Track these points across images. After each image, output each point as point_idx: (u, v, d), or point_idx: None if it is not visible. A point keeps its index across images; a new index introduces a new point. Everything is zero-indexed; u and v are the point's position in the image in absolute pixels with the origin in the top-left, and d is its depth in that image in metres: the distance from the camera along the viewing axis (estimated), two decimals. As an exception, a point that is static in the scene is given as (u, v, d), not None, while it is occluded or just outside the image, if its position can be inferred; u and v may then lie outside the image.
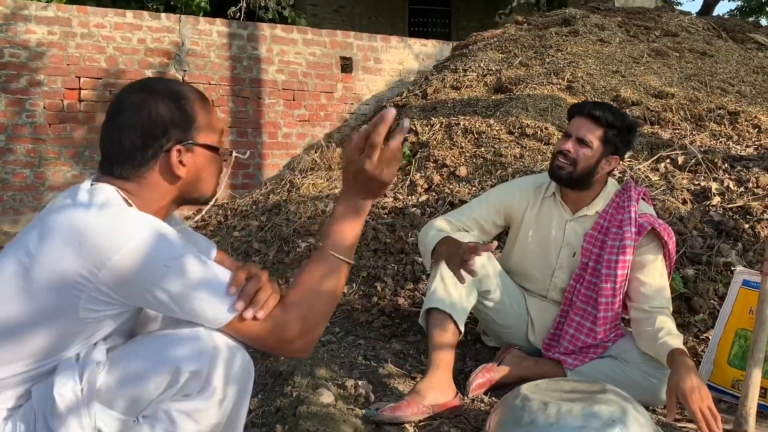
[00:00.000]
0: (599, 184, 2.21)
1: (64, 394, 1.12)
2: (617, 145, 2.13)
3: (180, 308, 1.15)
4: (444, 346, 1.99)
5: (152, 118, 1.22)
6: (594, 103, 2.19)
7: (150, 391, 1.15)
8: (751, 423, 1.79)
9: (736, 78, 4.91)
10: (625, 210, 2.13)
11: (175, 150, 1.23)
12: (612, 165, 2.16)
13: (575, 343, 2.14)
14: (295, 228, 3.82)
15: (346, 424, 1.75)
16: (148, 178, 1.24)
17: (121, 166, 1.23)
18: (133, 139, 1.21)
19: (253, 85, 5.58)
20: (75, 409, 1.12)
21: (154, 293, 1.13)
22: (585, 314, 2.14)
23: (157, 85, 1.26)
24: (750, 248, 2.78)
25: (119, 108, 1.23)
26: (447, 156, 4.13)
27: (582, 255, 2.18)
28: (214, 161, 1.31)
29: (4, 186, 4.86)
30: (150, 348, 1.18)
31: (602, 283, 2.09)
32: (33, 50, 4.89)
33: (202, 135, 1.27)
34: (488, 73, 5.35)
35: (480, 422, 1.88)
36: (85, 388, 1.13)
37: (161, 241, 1.14)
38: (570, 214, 2.23)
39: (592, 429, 1.55)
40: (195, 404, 1.17)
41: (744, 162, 3.43)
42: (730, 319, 2.11)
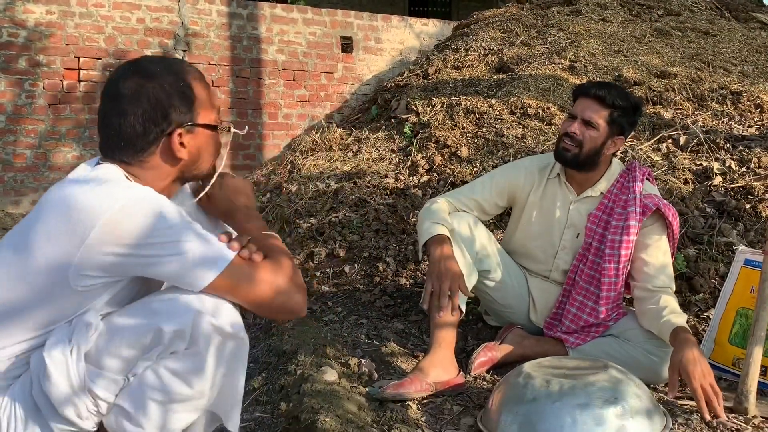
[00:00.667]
0: (604, 165, 2.20)
1: (54, 356, 1.14)
2: (623, 126, 2.13)
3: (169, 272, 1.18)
4: (446, 325, 2.00)
5: (152, 104, 1.21)
6: (599, 83, 2.17)
7: (135, 351, 1.17)
8: (752, 400, 1.81)
9: (739, 57, 4.88)
10: (630, 190, 2.13)
11: (176, 134, 1.24)
12: (617, 146, 2.16)
13: (577, 323, 2.15)
14: (297, 209, 3.82)
15: (350, 402, 1.76)
16: (149, 161, 1.25)
17: (122, 151, 1.24)
18: (133, 125, 1.22)
19: (253, 65, 5.54)
20: (64, 370, 1.14)
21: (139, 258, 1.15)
22: (588, 294, 2.15)
23: (154, 68, 1.25)
24: (751, 228, 2.78)
25: (117, 93, 1.22)
26: (448, 136, 4.12)
27: (586, 235, 2.18)
28: (214, 139, 1.32)
29: (5, 167, 4.86)
30: (136, 310, 1.20)
31: (606, 263, 2.10)
32: (31, 30, 4.86)
33: (201, 115, 1.27)
34: (490, 53, 5.32)
35: (482, 400, 1.90)
36: (75, 349, 1.15)
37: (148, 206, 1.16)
38: (575, 195, 2.23)
39: (594, 406, 1.57)
40: (183, 363, 1.18)
41: (746, 142, 3.43)
42: (731, 298, 2.12)
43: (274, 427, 1.79)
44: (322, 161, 4.53)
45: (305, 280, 3.08)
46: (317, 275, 3.11)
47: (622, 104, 2.10)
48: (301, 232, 3.56)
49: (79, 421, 1.17)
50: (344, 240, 3.34)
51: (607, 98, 2.09)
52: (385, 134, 4.61)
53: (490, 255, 2.20)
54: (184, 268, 1.17)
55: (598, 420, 1.54)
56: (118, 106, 1.22)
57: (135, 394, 1.18)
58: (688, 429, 1.70)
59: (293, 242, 3.50)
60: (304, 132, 5.64)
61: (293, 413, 1.75)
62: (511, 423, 1.61)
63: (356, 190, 3.82)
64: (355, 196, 3.75)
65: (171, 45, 5.29)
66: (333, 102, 5.93)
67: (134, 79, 1.22)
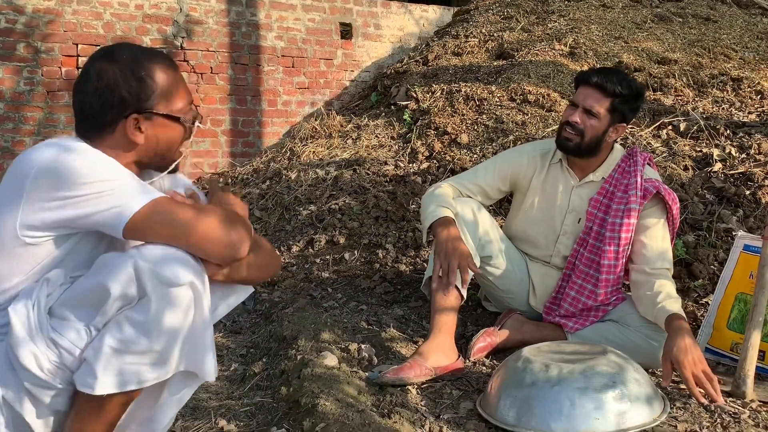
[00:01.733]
0: (606, 151, 2.21)
1: (18, 309, 1.20)
2: (624, 113, 2.12)
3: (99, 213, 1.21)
4: (446, 310, 2.01)
5: (110, 87, 1.29)
6: (601, 70, 2.16)
7: (89, 306, 1.20)
8: (750, 385, 1.82)
9: (740, 44, 4.86)
10: (631, 174, 2.13)
11: (131, 118, 1.30)
12: (619, 133, 2.16)
13: (576, 305, 2.16)
14: (296, 196, 3.82)
15: (350, 386, 1.77)
16: (107, 141, 1.31)
17: (85, 128, 1.32)
18: (92, 104, 1.30)
19: (252, 52, 5.52)
20: (26, 321, 1.19)
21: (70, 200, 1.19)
22: (587, 277, 2.16)
23: (121, 53, 1.32)
24: (751, 214, 2.79)
25: (86, 73, 1.31)
26: (448, 123, 4.11)
27: (586, 219, 2.19)
28: (174, 130, 1.37)
29: (4, 154, 4.85)
30: (92, 268, 1.24)
31: (606, 246, 2.10)
32: (30, 16, 4.83)
33: (162, 104, 1.32)
34: (490, 39, 5.30)
35: (482, 384, 1.91)
36: (36, 302, 1.21)
37: (81, 154, 1.23)
38: (576, 180, 2.23)
39: (593, 390, 1.58)
40: (137, 313, 1.19)
41: (746, 128, 3.42)
42: (730, 284, 2.13)
43: (274, 411, 1.80)
44: (322, 148, 4.52)
45: (305, 267, 3.08)
46: (317, 262, 3.12)
47: (624, 92, 2.09)
48: (300, 219, 3.56)
49: (41, 373, 1.19)
50: (344, 227, 3.34)
51: (608, 87, 2.08)
52: (384, 121, 4.60)
53: (492, 241, 2.21)
54: (112, 206, 1.21)
55: (596, 404, 1.56)
56: (83, 85, 1.31)
57: (95, 345, 1.20)
58: (686, 413, 1.71)
59: (293, 229, 3.51)
60: (304, 119, 5.62)
61: (293, 397, 1.76)
62: (510, 407, 1.62)
63: (356, 177, 3.82)
64: (354, 183, 3.75)
65: (170, 32, 5.26)
66: (332, 89, 5.91)
67: (100, 62, 1.31)
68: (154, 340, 1.20)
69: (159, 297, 1.19)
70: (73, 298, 1.22)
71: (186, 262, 1.23)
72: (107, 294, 1.18)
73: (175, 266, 1.21)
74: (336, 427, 1.53)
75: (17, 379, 1.20)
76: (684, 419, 1.67)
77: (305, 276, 3.00)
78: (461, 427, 1.65)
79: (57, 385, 1.21)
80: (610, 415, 1.55)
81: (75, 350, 1.20)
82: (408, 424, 1.63)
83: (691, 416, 1.69)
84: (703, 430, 1.61)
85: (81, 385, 1.20)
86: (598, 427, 1.53)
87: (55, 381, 1.21)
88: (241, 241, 1.29)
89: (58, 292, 1.24)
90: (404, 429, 1.59)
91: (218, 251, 1.27)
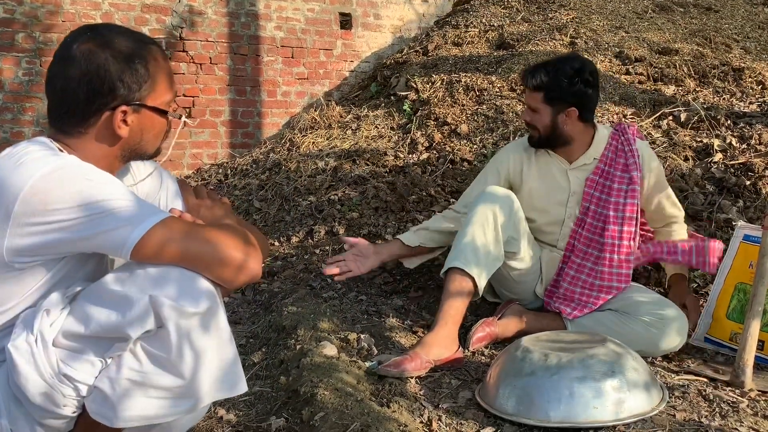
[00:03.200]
0: (582, 135, 2.23)
1: (20, 346, 1.10)
2: (566, 99, 2.15)
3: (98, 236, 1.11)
4: (457, 302, 2.01)
5: (100, 74, 1.16)
6: (531, 68, 2.22)
7: (107, 338, 1.12)
8: (748, 374, 1.82)
9: (742, 34, 4.84)
10: (628, 154, 2.18)
11: (120, 110, 1.20)
12: (572, 117, 2.17)
13: (576, 283, 2.17)
14: (296, 186, 3.82)
15: (349, 375, 1.78)
16: (89, 133, 1.20)
17: (63, 118, 1.20)
18: (77, 92, 1.17)
19: (251, 42, 5.49)
20: (32, 360, 1.10)
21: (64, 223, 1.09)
22: (586, 255, 2.19)
23: (112, 37, 1.19)
24: (751, 205, 2.78)
25: (68, 56, 1.17)
26: (448, 114, 4.10)
27: (583, 200, 2.23)
28: (161, 122, 1.27)
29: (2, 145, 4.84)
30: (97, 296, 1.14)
31: (609, 225, 2.14)
32: (28, 6, 4.81)
33: (152, 96, 1.23)
34: (490, 29, 5.27)
35: (480, 374, 1.91)
36: (39, 337, 1.11)
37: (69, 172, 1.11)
38: (567, 164, 2.27)
39: (591, 379, 1.58)
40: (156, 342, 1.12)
41: (747, 119, 3.41)
42: (729, 273, 2.13)
43: (273, 400, 1.80)
44: (321, 139, 4.51)
45: (304, 257, 3.08)
46: (317, 252, 3.11)
47: (545, 82, 2.14)
48: (300, 210, 3.55)
49: (56, 408, 1.13)
50: (343, 218, 3.34)
51: (530, 83, 2.17)
52: (384, 112, 4.59)
53: (520, 238, 2.20)
54: (112, 229, 1.10)
55: (595, 393, 1.56)
56: (65, 69, 1.17)
57: (111, 375, 1.12)
58: (685, 402, 1.71)
59: (292, 220, 3.50)
60: (303, 110, 5.61)
61: (293, 387, 1.76)
62: (509, 396, 1.62)
63: (355, 168, 3.81)
64: (354, 173, 3.74)
65: (169, 22, 5.24)
66: (332, 79, 5.89)
67: (88, 44, 1.17)
68: (177, 374, 1.13)
69: (177, 328, 1.11)
70: (85, 332, 1.12)
71: (200, 286, 1.15)
72: (125, 336, 1.10)
73: (190, 292, 1.13)
74: (335, 416, 1.53)
75: (25, 412, 1.14)
76: (682, 408, 1.67)
77: (305, 266, 3.00)
78: (460, 416, 1.65)
79: (71, 414, 1.16)
80: (608, 403, 1.55)
81: (90, 380, 1.13)
82: (407, 413, 1.63)
83: (689, 405, 1.69)
84: (702, 419, 1.61)
85: (96, 416, 1.13)
86: (596, 416, 1.54)
87: (68, 411, 1.15)
88: (256, 262, 1.20)
89: (59, 319, 1.13)
90: (403, 418, 1.59)
91: (231, 274, 1.18)
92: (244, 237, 1.22)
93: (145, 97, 1.22)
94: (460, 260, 2.03)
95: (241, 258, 1.18)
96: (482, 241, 2.05)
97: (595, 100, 2.22)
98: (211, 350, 1.15)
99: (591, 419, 1.54)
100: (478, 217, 2.08)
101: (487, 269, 2.06)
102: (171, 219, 1.16)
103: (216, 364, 1.17)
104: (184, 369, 1.13)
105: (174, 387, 1.13)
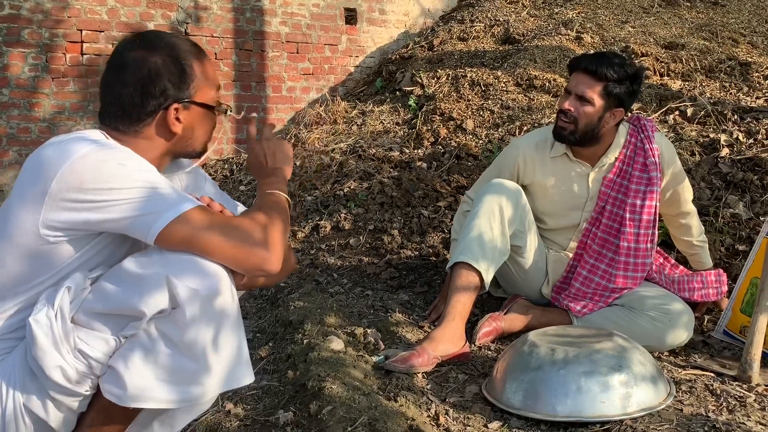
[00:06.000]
0: (609, 136, 2.16)
1: (40, 319, 1.14)
2: (621, 98, 2.06)
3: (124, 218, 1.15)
4: (464, 297, 2.00)
5: (152, 77, 1.26)
6: (593, 55, 2.11)
7: (122, 316, 1.15)
8: (756, 369, 1.82)
9: (748, 28, 4.81)
10: (647, 153, 2.11)
11: (172, 108, 1.28)
12: (617, 118, 2.10)
13: (588, 285, 2.15)
14: (302, 182, 3.82)
15: (357, 369, 1.78)
16: (143, 132, 1.28)
17: (119, 120, 1.28)
18: (132, 96, 1.26)
19: (256, 38, 5.49)
20: (49, 333, 1.14)
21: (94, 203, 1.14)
22: (600, 256, 2.15)
23: (158, 42, 1.29)
24: (758, 200, 2.77)
25: (121, 63, 1.27)
26: (454, 109, 4.10)
27: (599, 199, 2.17)
28: (209, 117, 1.36)
29: (9, 141, 4.85)
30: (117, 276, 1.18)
31: (625, 228, 2.10)
32: (34, 2, 4.82)
33: (199, 93, 1.31)
34: (496, 24, 5.26)
35: (487, 368, 1.91)
36: (58, 311, 1.15)
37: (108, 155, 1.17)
38: (589, 167, 2.20)
39: (598, 373, 1.58)
40: (170, 323, 1.15)
41: (754, 113, 3.40)
42: (750, 268, 2.13)
43: (281, 394, 1.81)
44: (327, 134, 4.51)
45: (311, 252, 3.09)
46: (323, 248, 3.12)
47: (617, 76, 2.03)
48: (306, 205, 3.56)
49: (69, 384, 1.16)
50: (349, 213, 3.34)
51: (599, 71, 2.02)
52: (389, 107, 4.59)
53: (525, 232, 2.18)
54: (138, 213, 1.15)
55: (602, 387, 1.56)
56: (120, 75, 1.27)
57: (124, 354, 1.15)
58: (692, 396, 1.71)
59: (298, 215, 3.51)
60: (308, 105, 5.61)
61: (300, 381, 1.77)
62: (516, 390, 1.63)
63: (361, 163, 3.81)
64: (359, 169, 3.74)
65: (174, 17, 5.24)
66: (337, 75, 5.89)
67: (138, 52, 1.27)
68: (190, 357, 1.16)
69: (192, 311, 1.14)
70: (101, 309, 1.16)
71: (216, 273, 1.18)
72: (140, 314, 1.13)
73: (207, 278, 1.16)
74: (342, 410, 1.53)
75: (39, 386, 1.17)
76: (689, 402, 1.67)
77: (311, 262, 3.01)
78: (467, 410, 1.66)
79: (84, 393, 1.19)
80: (615, 398, 1.55)
81: (104, 359, 1.17)
82: (414, 407, 1.63)
83: (696, 400, 1.69)
84: (709, 414, 1.61)
85: (108, 394, 1.16)
86: (603, 411, 1.54)
87: (82, 389, 1.18)
88: (277, 256, 1.23)
89: (80, 298, 1.18)
90: (410, 412, 1.60)
91: (252, 265, 1.21)
92: (270, 233, 1.24)
93: (192, 94, 1.30)
94: (467, 255, 2.02)
95: (263, 255, 1.21)
96: (489, 235, 2.04)
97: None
98: (224, 338, 1.19)
99: (598, 413, 1.54)
100: (485, 210, 2.06)
101: (494, 263, 2.06)
102: (198, 209, 1.20)
103: (228, 352, 1.20)
104: (197, 353, 1.16)
105: (186, 371, 1.16)
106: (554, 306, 2.24)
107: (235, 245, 1.19)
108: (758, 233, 2.29)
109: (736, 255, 2.55)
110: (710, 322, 2.27)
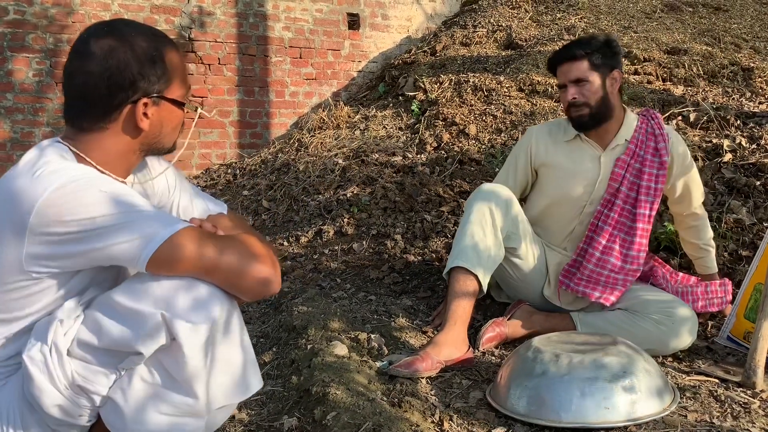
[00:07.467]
0: (619, 110, 2.23)
1: (34, 356, 1.10)
2: (608, 63, 2.17)
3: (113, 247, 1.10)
4: (464, 301, 2.01)
5: (121, 68, 1.16)
6: (562, 47, 2.24)
7: (120, 351, 1.12)
8: (760, 375, 1.82)
9: (751, 33, 4.82)
10: (658, 137, 2.20)
11: (141, 103, 1.19)
12: (618, 80, 2.19)
13: (603, 266, 2.15)
14: (305, 186, 3.83)
15: (361, 375, 1.78)
16: (110, 128, 1.20)
17: (84, 115, 1.19)
18: (98, 87, 1.16)
19: (259, 43, 5.51)
20: (45, 371, 1.10)
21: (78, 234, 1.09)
22: (613, 237, 2.17)
23: (128, 31, 1.19)
24: (761, 205, 2.77)
25: (86, 51, 1.16)
26: (456, 114, 4.10)
27: (612, 179, 2.20)
28: (178, 115, 1.27)
29: (13, 145, 4.87)
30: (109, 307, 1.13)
31: (641, 210, 2.15)
32: (38, 7, 4.84)
33: (170, 88, 1.23)
34: (498, 30, 5.27)
35: (491, 374, 1.91)
36: (53, 348, 1.10)
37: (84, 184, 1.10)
38: (601, 149, 2.24)
39: (603, 380, 1.58)
40: (169, 357, 1.12)
41: (757, 119, 3.40)
42: (754, 274, 2.13)
43: (285, 400, 1.81)
44: (330, 139, 4.52)
45: (313, 257, 3.09)
46: (326, 252, 3.13)
47: (592, 49, 2.15)
48: (309, 210, 3.57)
49: (69, 418, 1.14)
50: (352, 217, 3.35)
51: (577, 53, 2.15)
52: (392, 112, 4.59)
53: (519, 232, 2.20)
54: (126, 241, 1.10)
55: (606, 394, 1.56)
56: (85, 65, 1.16)
57: (123, 386, 1.12)
58: (696, 403, 1.71)
59: (301, 220, 3.52)
60: (311, 110, 5.62)
61: (304, 386, 1.77)
62: (520, 396, 1.63)
63: (364, 168, 3.82)
64: (362, 173, 3.75)
65: (178, 22, 5.26)
66: (340, 80, 5.90)
67: (106, 40, 1.16)
68: (189, 393, 1.13)
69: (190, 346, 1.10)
70: (98, 344, 1.12)
71: (214, 297, 1.14)
72: (137, 354, 1.10)
73: (204, 305, 1.12)
74: (347, 416, 1.54)
75: (39, 418, 1.15)
76: (694, 409, 1.67)
77: (314, 267, 3.01)
78: (471, 416, 1.66)
79: (85, 424, 1.17)
80: (620, 405, 1.55)
81: (104, 390, 1.14)
82: (418, 413, 1.64)
83: (701, 406, 1.69)
84: (714, 420, 1.61)
85: (109, 425, 1.14)
86: (608, 417, 1.54)
87: (83, 420, 1.16)
88: (275, 276, 1.19)
89: (74, 328, 1.13)
90: (415, 418, 1.60)
91: (249, 287, 1.17)
92: (264, 249, 1.21)
93: (163, 89, 1.22)
94: (462, 259, 2.04)
95: (262, 271, 1.17)
96: (482, 239, 2.07)
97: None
98: (225, 363, 1.16)
99: (602, 420, 1.54)
100: (476, 216, 2.09)
101: (490, 266, 2.08)
102: (188, 230, 1.14)
103: (229, 377, 1.17)
104: (197, 388, 1.13)
105: (186, 405, 1.14)
106: (563, 290, 2.23)
107: (230, 266, 1.15)
108: (762, 239, 2.29)
109: (739, 260, 2.55)
110: (714, 328, 2.27)
